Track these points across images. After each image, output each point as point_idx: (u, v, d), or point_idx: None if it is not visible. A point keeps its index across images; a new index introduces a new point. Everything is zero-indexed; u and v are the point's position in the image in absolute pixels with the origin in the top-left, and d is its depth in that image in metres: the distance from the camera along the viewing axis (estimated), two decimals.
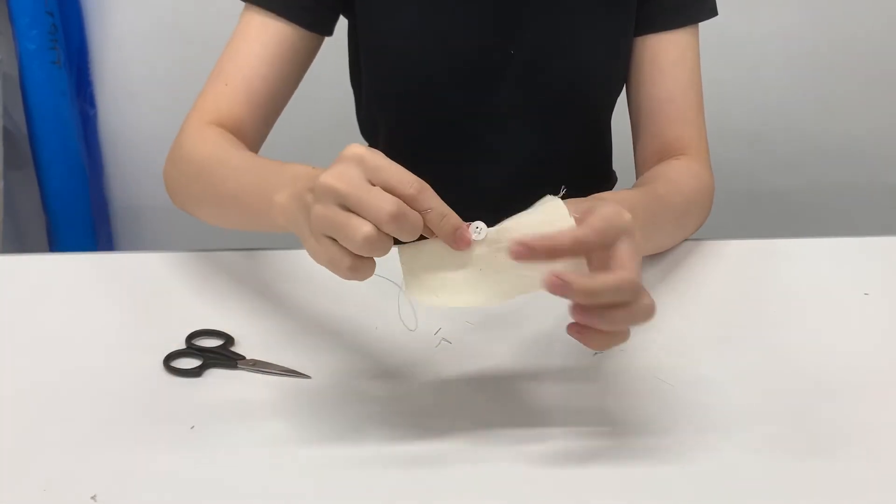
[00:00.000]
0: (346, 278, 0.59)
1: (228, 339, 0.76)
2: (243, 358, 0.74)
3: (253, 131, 0.90)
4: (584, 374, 0.73)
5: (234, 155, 0.80)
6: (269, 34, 0.89)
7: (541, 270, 0.58)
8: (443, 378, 0.72)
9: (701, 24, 0.97)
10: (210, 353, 0.75)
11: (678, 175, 0.90)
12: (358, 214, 0.57)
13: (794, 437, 0.66)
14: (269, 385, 0.72)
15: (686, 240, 0.92)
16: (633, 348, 0.76)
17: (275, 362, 0.74)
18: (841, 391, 0.72)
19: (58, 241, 1.75)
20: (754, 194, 1.88)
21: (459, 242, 0.60)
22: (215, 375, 0.73)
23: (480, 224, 0.61)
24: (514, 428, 0.67)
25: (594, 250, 0.60)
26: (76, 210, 1.75)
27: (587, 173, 1.09)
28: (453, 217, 0.60)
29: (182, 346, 0.76)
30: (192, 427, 0.67)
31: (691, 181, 0.91)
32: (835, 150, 1.86)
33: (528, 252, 0.58)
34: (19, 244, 1.76)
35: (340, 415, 0.68)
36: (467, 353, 0.75)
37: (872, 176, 1.88)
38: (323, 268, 0.61)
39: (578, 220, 0.61)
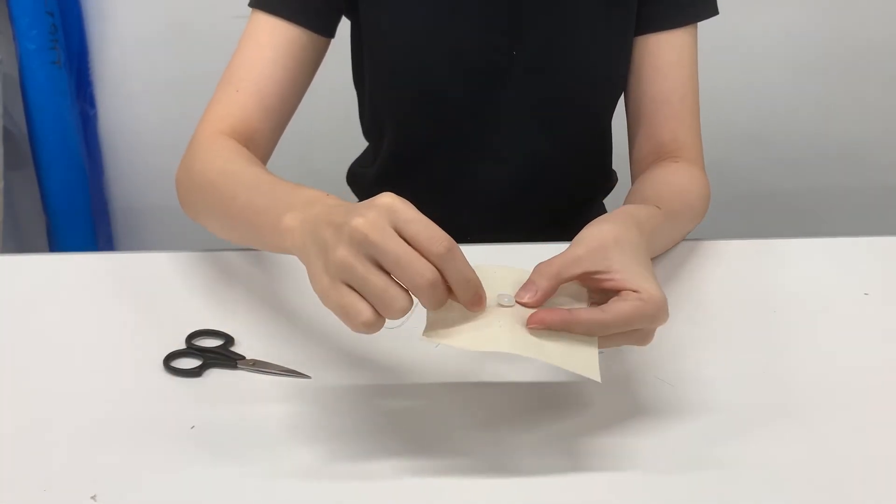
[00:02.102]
0: (355, 330, 0.58)
1: (228, 339, 0.76)
2: (243, 358, 0.74)
3: (265, 137, 0.90)
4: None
5: (246, 171, 0.79)
6: (277, 38, 0.89)
7: (553, 343, 0.61)
8: (443, 378, 0.72)
9: (701, 24, 0.97)
10: (210, 353, 0.75)
11: (684, 184, 0.91)
12: (388, 274, 0.56)
13: (794, 437, 0.66)
14: (269, 385, 0.72)
15: (686, 240, 0.92)
16: (632, 348, 0.76)
17: (275, 362, 0.74)
18: (841, 391, 0.72)
19: (58, 241, 1.75)
20: (755, 195, 1.88)
21: (476, 306, 0.60)
22: (215, 375, 0.73)
23: (506, 293, 0.63)
24: (514, 427, 0.67)
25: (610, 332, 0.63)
26: (76, 210, 1.75)
27: (588, 172, 1.09)
28: (476, 282, 0.59)
29: (182, 346, 0.76)
30: (193, 427, 0.67)
31: (693, 187, 0.91)
32: (835, 151, 1.86)
33: (544, 325, 0.61)
34: (19, 244, 1.76)
35: (340, 415, 0.68)
36: (467, 353, 0.75)
37: (873, 177, 1.89)
38: None
39: (605, 291, 0.64)
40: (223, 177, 0.80)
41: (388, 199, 0.58)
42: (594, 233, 0.66)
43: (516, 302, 0.63)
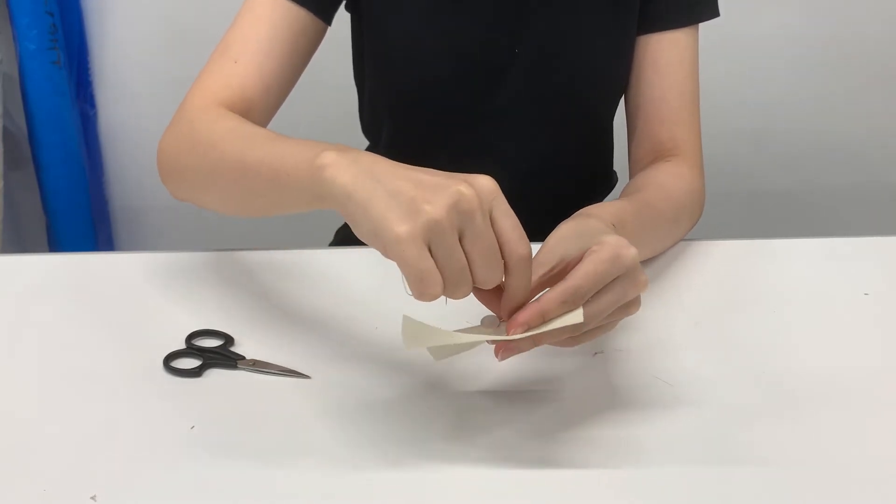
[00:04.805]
0: (417, 297, 0.55)
1: (228, 339, 0.76)
2: (243, 358, 0.74)
3: (261, 114, 0.87)
4: (584, 374, 0.73)
5: (260, 129, 0.75)
6: (278, 14, 0.87)
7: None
8: (442, 378, 0.72)
9: (702, 24, 0.97)
10: (210, 353, 0.75)
11: (667, 180, 0.90)
12: (466, 250, 0.55)
13: (793, 438, 0.66)
14: (269, 385, 0.72)
15: (684, 239, 0.92)
16: (632, 348, 0.76)
17: (275, 362, 0.74)
18: (841, 392, 0.72)
19: (58, 241, 1.75)
20: (754, 194, 1.88)
21: (510, 317, 0.60)
22: (215, 375, 0.73)
23: (493, 317, 0.63)
24: (514, 427, 0.67)
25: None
26: (76, 210, 1.75)
27: (589, 172, 1.09)
28: (527, 296, 0.59)
29: (182, 346, 0.76)
30: (192, 427, 0.67)
31: (681, 185, 0.91)
32: (835, 151, 1.86)
33: (526, 327, 0.59)
34: (19, 244, 1.76)
35: (340, 415, 0.68)
36: (467, 353, 0.75)
37: (873, 176, 1.88)
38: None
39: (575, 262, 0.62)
40: (234, 133, 0.75)
41: (490, 182, 0.56)
42: (547, 239, 0.66)
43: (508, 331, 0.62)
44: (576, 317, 0.59)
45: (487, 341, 0.61)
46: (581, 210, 0.73)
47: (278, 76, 0.87)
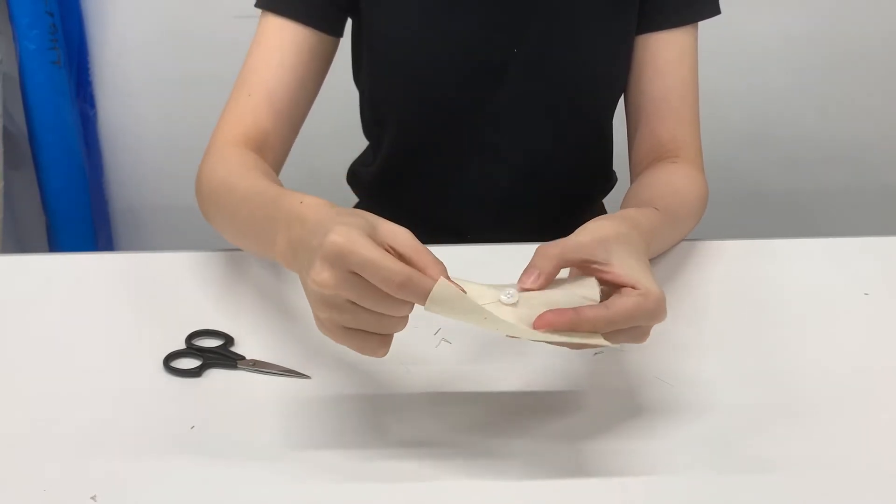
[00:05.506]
0: (365, 354, 0.61)
1: (228, 339, 0.76)
2: (243, 358, 0.74)
3: (278, 141, 0.91)
4: (584, 374, 0.73)
5: (242, 181, 0.80)
6: (286, 40, 0.90)
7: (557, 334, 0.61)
8: (442, 379, 0.72)
9: (702, 24, 0.97)
10: (210, 353, 0.75)
11: (678, 182, 0.91)
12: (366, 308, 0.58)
13: (794, 438, 0.66)
14: (269, 385, 0.72)
15: (685, 240, 0.92)
16: (633, 348, 0.76)
17: (275, 362, 0.74)
18: (841, 391, 0.72)
19: (58, 241, 1.75)
20: (755, 195, 1.88)
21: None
22: (215, 375, 0.73)
23: (512, 290, 0.62)
24: (514, 428, 0.67)
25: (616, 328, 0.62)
26: (76, 210, 1.75)
27: (588, 173, 1.09)
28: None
29: (182, 346, 0.76)
30: (192, 427, 0.67)
31: (695, 190, 0.92)
32: (835, 151, 1.86)
33: (552, 329, 0.60)
34: (19, 244, 1.76)
35: (340, 415, 0.68)
36: (467, 353, 0.75)
37: (873, 177, 1.88)
38: None
39: (612, 286, 0.63)
40: (224, 188, 0.81)
41: (335, 242, 0.57)
42: (596, 226, 0.67)
43: (520, 289, 0.62)
44: (596, 339, 0.61)
45: (507, 335, 0.61)
46: (627, 213, 0.75)
47: (291, 102, 0.91)
